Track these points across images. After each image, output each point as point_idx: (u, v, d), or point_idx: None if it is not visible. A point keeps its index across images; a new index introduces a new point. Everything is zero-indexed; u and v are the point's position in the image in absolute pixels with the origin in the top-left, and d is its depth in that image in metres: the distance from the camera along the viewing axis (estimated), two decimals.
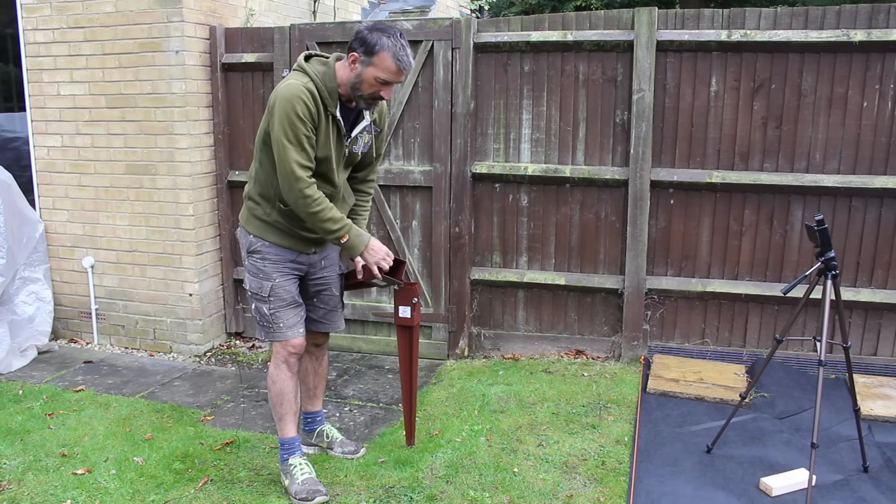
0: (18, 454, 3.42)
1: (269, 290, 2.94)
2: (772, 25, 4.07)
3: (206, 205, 4.82)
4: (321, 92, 2.77)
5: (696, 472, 3.20)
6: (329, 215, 2.80)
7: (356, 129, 2.94)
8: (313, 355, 3.32)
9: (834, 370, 4.16)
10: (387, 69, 2.75)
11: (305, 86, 2.74)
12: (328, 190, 2.92)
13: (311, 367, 3.33)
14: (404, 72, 2.79)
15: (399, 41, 2.75)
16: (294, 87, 2.73)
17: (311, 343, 3.26)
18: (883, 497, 3.00)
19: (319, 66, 2.82)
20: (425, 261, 4.68)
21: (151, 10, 4.51)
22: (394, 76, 2.77)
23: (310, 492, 2.95)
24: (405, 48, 2.77)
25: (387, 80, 2.77)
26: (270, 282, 2.94)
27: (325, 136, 2.82)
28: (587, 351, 4.62)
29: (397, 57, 2.74)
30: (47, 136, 4.89)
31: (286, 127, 2.71)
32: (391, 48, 2.73)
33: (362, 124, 2.96)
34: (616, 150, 4.39)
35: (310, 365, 3.33)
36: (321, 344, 3.32)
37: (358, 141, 2.98)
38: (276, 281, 2.94)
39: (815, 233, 2.97)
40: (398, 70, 2.76)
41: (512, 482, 3.13)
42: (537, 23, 4.39)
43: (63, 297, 5.08)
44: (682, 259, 4.43)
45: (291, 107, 2.70)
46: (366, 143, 3.03)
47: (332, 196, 2.95)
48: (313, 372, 3.34)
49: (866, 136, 4.08)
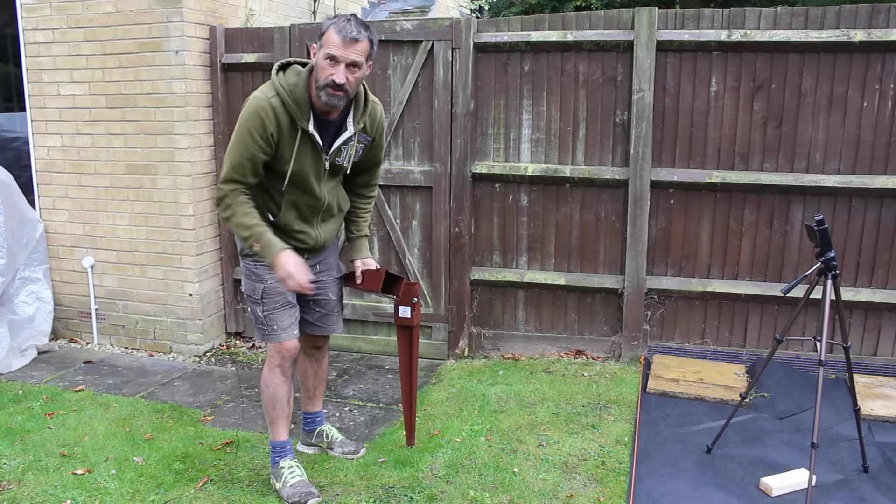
0: (18, 454, 3.42)
1: (261, 291, 2.93)
2: (772, 25, 4.07)
3: (206, 205, 4.82)
4: (288, 106, 2.72)
5: (696, 472, 3.20)
6: (238, 221, 2.77)
7: (337, 142, 2.86)
8: (312, 357, 3.30)
9: (834, 370, 4.16)
10: (331, 43, 2.66)
11: (270, 101, 2.71)
12: (309, 201, 2.90)
13: (310, 369, 3.33)
14: (347, 40, 2.65)
15: (346, 19, 2.69)
16: (256, 103, 2.71)
17: (311, 346, 3.25)
18: (883, 497, 3.00)
19: (292, 77, 2.77)
20: (425, 261, 4.68)
21: (151, 10, 4.51)
22: (338, 49, 2.65)
23: (302, 494, 2.95)
24: (353, 22, 2.68)
25: (334, 56, 2.65)
26: (263, 283, 2.93)
27: (292, 150, 2.77)
28: (587, 351, 4.62)
29: (339, 28, 2.66)
30: (47, 136, 4.89)
31: (237, 137, 2.72)
32: (335, 24, 2.69)
33: (344, 136, 2.86)
34: (616, 150, 4.39)
35: (309, 367, 3.32)
36: (320, 346, 3.30)
37: (342, 152, 2.90)
38: (268, 283, 2.92)
39: (815, 233, 2.97)
40: (341, 40, 2.65)
41: (512, 482, 3.13)
42: (537, 23, 4.39)
43: (63, 297, 5.08)
44: (682, 259, 4.43)
45: (249, 122, 2.70)
46: (353, 153, 2.95)
47: (315, 207, 2.93)
48: (313, 374, 3.34)
49: (866, 136, 4.08)
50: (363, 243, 3.23)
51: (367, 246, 3.26)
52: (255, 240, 2.77)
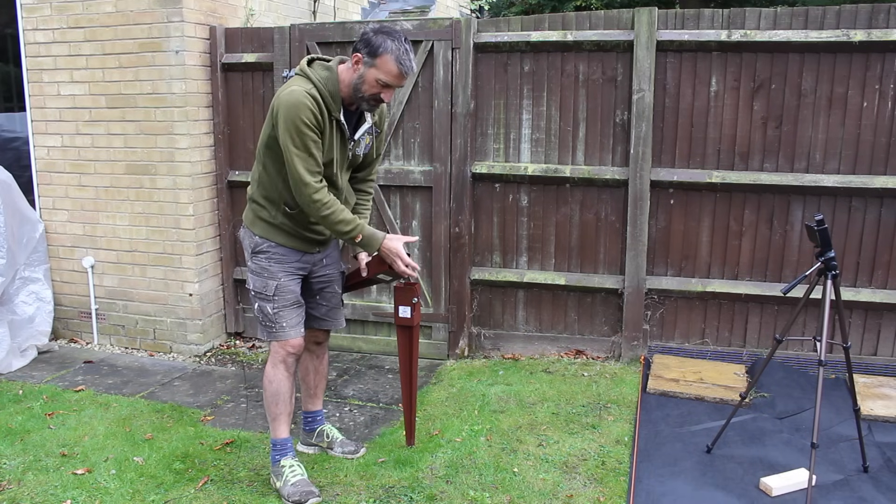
0: (18, 454, 3.42)
1: (273, 289, 2.95)
2: (772, 25, 4.07)
3: (206, 205, 4.82)
4: (324, 97, 2.79)
5: (696, 472, 3.20)
6: (341, 217, 2.85)
7: (359, 132, 2.97)
8: (314, 354, 3.32)
9: (834, 370, 4.16)
10: (389, 72, 2.77)
11: (309, 92, 2.75)
12: (332, 193, 2.94)
13: (311, 366, 3.34)
14: (406, 76, 2.81)
15: (403, 45, 2.77)
16: (298, 94, 2.73)
17: (312, 341, 3.27)
18: (883, 497, 3.00)
19: (322, 71, 2.83)
20: (425, 261, 4.68)
21: (151, 10, 4.51)
22: (395, 79, 2.79)
23: (302, 493, 2.95)
24: (408, 53, 2.79)
25: (388, 83, 2.79)
26: (276, 281, 2.95)
27: (329, 141, 2.85)
28: (587, 351, 4.62)
29: (400, 60, 2.76)
30: (47, 136, 4.89)
31: (293, 134, 2.73)
32: (395, 51, 2.75)
33: (364, 126, 2.98)
34: (616, 150, 4.40)
35: (310, 364, 3.33)
36: (322, 342, 3.33)
37: (360, 143, 3.00)
38: (280, 280, 2.96)
39: (815, 233, 2.97)
40: (400, 73, 2.78)
41: (512, 482, 3.13)
42: (537, 23, 4.39)
43: (63, 297, 5.08)
44: (682, 259, 4.43)
45: (297, 114, 2.71)
46: (367, 144, 3.05)
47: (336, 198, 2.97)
48: (314, 371, 3.35)
49: (866, 136, 4.08)
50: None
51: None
52: (359, 232, 2.88)
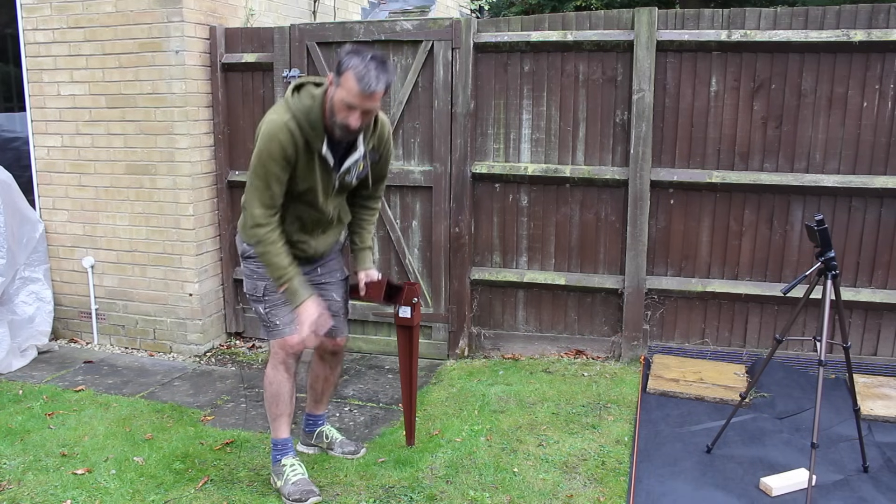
0: (18, 454, 3.42)
1: (262, 289, 2.95)
2: (772, 25, 4.07)
3: (206, 205, 4.82)
4: (303, 129, 2.70)
5: (696, 472, 3.20)
6: (273, 260, 2.78)
7: (347, 162, 2.84)
8: (326, 363, 3.28)
9: (834, 370, 4.16)
10: (350, 90, 2.59)
11: (287, 124, 2.68)
12: (314, 215, 2.91)
13: (321, 374, 3.30)
14: (366, 94, 2.58)
15: (367, 62, 2.58)
16: (274, 127, 2.68)
17: (327, 350, 3.23)
18: (883, 497, 3.00)
19: (306, 101, 2.72)
20: (425, 261, 4.68)
21: (151, 10, 4.51)
22: (356, 98, 2.59)
23: (303, 492, 2.95)
24: (373, 70, 2.58)
25: (351, 104, 2.60)
26: (264, 281, 2.94)
27: (307, 170, 2.78)
28: (587, 351, 4.62)
29: (359, 76, 2.56)
30: (47, 136, 4.89)
31: (258, 165, 2.71)
32: (356, 67, 2.57)
33: (354, 157, 2.85)
34: (616, 150, 4.39)
35: (321, 371, 3.29)
36: (336, 353, 3.26)
37: (351, 171, 2.90)
38: (268, 281, 2.93)
39: (815, 233, 2.97)
40: (360, 92, 2.57)
41: (512, 482, 3.13)
42: (537, 23, 4.39)
43: (63, 297, 5.08)
44: (682, 259, 4.43)
45: (267, 147, 2.68)
46: (361, 170, 2.95)
47: (320, 220, 2.95)
48: (324, 379, 3.31)
49: (866, 136, 4.08)
50: (367, 255, 3.24)
51: (371, 257, 3.26)
52: (286, 281, 2.80)
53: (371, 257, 3.25)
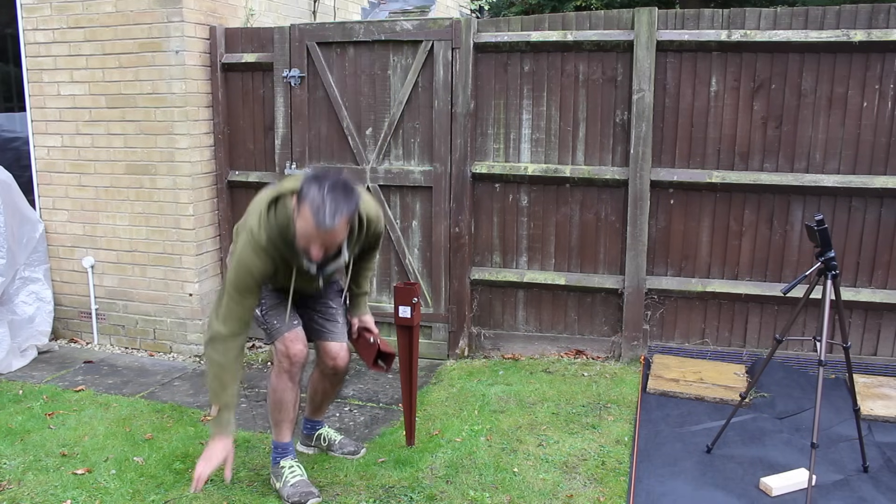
0: (18, 454, 3.42)
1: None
2: (772, 25, 4.07)
3: (206, 205, 4.82)
4: (280, 250, 2.67)
5: (696, 472, 3.20)
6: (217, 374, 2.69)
7: (330, 268, 2.78)
8: (328, 380, 3.20)
9: (834, 370, 4.16)
10: (306, 222, 2.44)
11: (263, 246, 2.64)
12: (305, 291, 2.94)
13: (320, 388, 3.26)
14: (322, 231, 2.42)
15: (326, 195, 2.41)
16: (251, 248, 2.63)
17: (329, 367, 3.13)
18: (883, 497, 3.00)
19: (282, 219, 2.62)
20: (425, 261, 4.68)
21: (151, 10, 4.51)
22: (313, 232, 2.44)
23: (302, 494, 2.94)
24: (329, 204, 2.41)
25: (308, 238, 2.48)
26: None
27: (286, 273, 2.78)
28: (587, 351, 4.62)
29: (314, 211, 2.40)
30: (47, 136, 4.89)
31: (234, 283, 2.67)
32: (312, 200, 2.41)
33: (338, 262, 2.77)
34: (616, 150, 4.39)
35: (320, 386, 3.25)
36: (338, 373, 3.16)
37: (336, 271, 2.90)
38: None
39: (815, 233, 2.97)
40: (315, 227, 2.42)
41: (512, 482, 3.13)
42: (537, 23, 4.39)
43: (63, 297, 5.08)
44: (682, 259, 4.43)
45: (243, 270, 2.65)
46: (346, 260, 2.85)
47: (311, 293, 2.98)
48: (322, 392, 3.28)
49: (866, 136, 4.08)
50: (362, 300, 3.24)
51: (366, 303, 3.26)
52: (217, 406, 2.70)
53: (366, 303, 3.26)
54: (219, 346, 2.69)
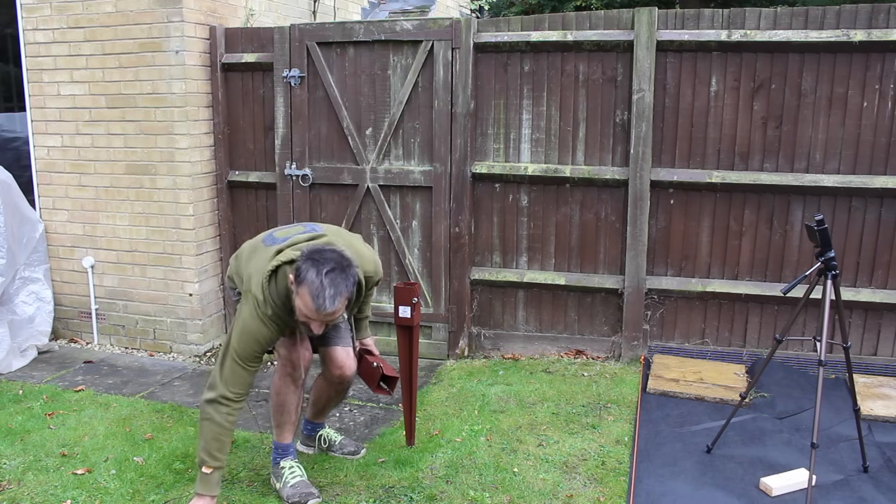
0: (18, 454, 3.42)
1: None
2: (772, 25, 4.07)
3: (206, 205, 4.82)
4: (283, 317, 2.71)
5: (696, 472, 3.20)
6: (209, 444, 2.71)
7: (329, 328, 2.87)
8: (333, 388, 3.19)
9: (834, 370, 4.16)
10: (305, 305, 2.52)
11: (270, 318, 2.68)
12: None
13: (325, 394, 3.24)
14: (321, 313, 2.50)
15: (323, 278, 2.48)
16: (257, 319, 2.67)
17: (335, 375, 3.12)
18: (883, 497, 3.00)
19: (283, 290, 2.68)
20: (425, 261, 4.68)
21: (151, 10, 4.51)
22: (312, 314, 2.52)
23: (302, 495, 2.95)
24: (328, 287, 2.48)
25: (307, 317, 2.56)
26: None
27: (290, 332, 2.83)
28: (587, 351, 4.62)
29: (314, 295, 2.47)
30: (47, 136, 4.89)
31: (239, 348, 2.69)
32: (311, 284, 2.48)
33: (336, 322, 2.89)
34: (616, 150, 4.39)
35: (325, 392, 3.24)
36: (343, 382, 3.15)
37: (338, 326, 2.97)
38: None
39: (815, 233, 2.97)
40: (315, 311, 2.50)
41: (512, 482, 3.13)
42: (537, 23, 4.39)
43: (63, 297, 5.08)
44: (682, 259, 4.43)
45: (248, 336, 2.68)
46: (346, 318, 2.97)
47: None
48: (327, 399, 3.27)
49: (866, 136, 4.08)
50: (364, 324, 3.29)
51: (367, 326, 3.31)
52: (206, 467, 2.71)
53: (368, 326, 3.31)
54: (223, 409, 2.70)
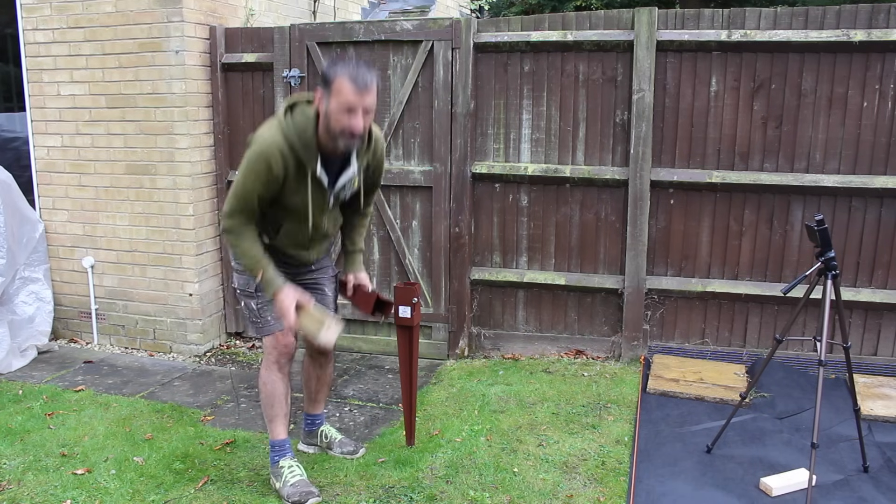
0: (18, 454, 3.42)
1: (255, 285, 2.94)
2: (772, 25, 4.07)
3: (206, 205, 4.82)
4: (296, 150, 2.71)
5: (696, 472, 3.20)
6: (245, 251, 2.80)
7: (342, 180, 2.86)
8: (316, 361, 3.29)
9: (834, 370, 4.16)
10: (346, 92, 2.63)
11: (278, 147, 2.70)
12: (307, 231, 2.89)
13: (313, 374, 3.31)
14: (362, 91, 2.65)
15: (353, 64, 2.67)
16: (265, 146, 2.70)
17: (315, 350, 3.23)
18: (883, 497, 3.00)
19: (300, 120, 2.74)
20: (425, 261, 4.68)
21: (151, 10, 4.51)
22: (355, 98, 2.64)
23: (302, 493, 2.95)
24: (361, 68, 2.67)
25: (350, 106, 2.64)
26: None
27: (297, 188, 2.79)
28: (587, 351, 4.62)
29: (353, 77, 2.63)
30: (47, 136, 4.89)
31: (244, 176, 2.73)
32: (345, 71, 2.64)
33: (348, 174, 2.86)
34: (616, 150, 4.39)
35: (312, 371, 3.30)
36: (324, 351, 3.26)
37: (346, 188, 2.92)
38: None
39: (815, 233, 2.97)
40: (356, 90, 2.63)
41: (512, 482, 3.13)
42: (537, 23, 4.39)
43: (63, 297, 5.08)
44: (682, 259, 4.43)
45: (255, 166, 2.70)
46: (355, 186, 2.96)
47: (312, 235, 2.94)
48: (316, 378, 3.32)
49: (866, 136, 4.08)
50: (357, 258, 3.24)
51: (361, 260, 3.27)
52: (260, 269, 2.79)
53: (361, 260, 3.26)
54: (235, 232, 2.80)
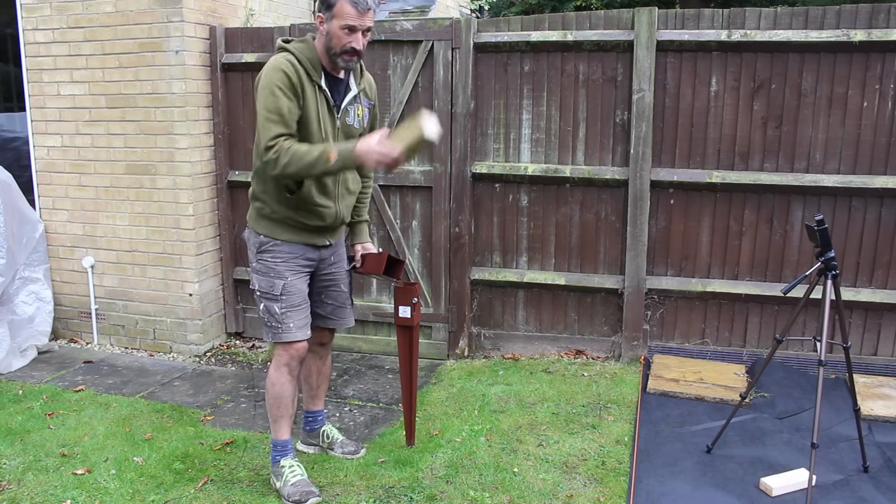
0: (18, 454, 3.42)
1: (281, 288, 2.92)
2: (772, 25, 4.07)
3: (206, 205, 4.82)
4: (303, 63, 2.81)
5: (696, 472, 3.20)
6: (299, 156, 2.69)
7: (346, 100, 2.95)
8: (317, 355, 3.31)
9: (834, 370, 4.16)
10: (347, 13, 2.75)
11: (286, 58, 2.80)
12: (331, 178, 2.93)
13: (314, 367, 3.33)
14: (364, 11, 2.76)
15: None
16: (274, 61, 2.80)
17: (317, 342, 3.25)
18: (883, 497, 3.00)
19: (299, 43, 2.87)
20: (425, 261, 4.68)
21: (151, 10, 4.51)
22: (357, 18, 2.75)
23: (302, 493, 2.95)
24: None
25: (351, 25, 2.76)
26: (283, 280, 2.92)
27: (313, 109, 2.83)
28: (587, 351, 4.62)
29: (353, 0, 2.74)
30: (47, 136, 4.89)
31: (268, 97, 2.75)
32: None
33: (350, 94, 2.97)
34: (616, 150, 4.40)
35: (313, 365, 3.32)
36: (326, 343, 3.31)
37: (349, 112, 2.98)
38: (288, 279, 2.93)
39: (815, 233, 2.97)
40: (357, 11, 2.75)
41: (512, 482, 3.13)
42: (537, 23, 4.39)
43: (63, 297, 5.08)
44: (682, 259, 4.43)
45: (272, 79, 2.75)
46: (360, 116, 3.03)
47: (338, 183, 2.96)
48: (317, 372, 3.34)
49: (866, 136, 4.08)
50: (363, 228, 3.32)
51: (367, 231, 3.34)
52: (329, 151, 2.69)
53: (367, 231, 3.34)
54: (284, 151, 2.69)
